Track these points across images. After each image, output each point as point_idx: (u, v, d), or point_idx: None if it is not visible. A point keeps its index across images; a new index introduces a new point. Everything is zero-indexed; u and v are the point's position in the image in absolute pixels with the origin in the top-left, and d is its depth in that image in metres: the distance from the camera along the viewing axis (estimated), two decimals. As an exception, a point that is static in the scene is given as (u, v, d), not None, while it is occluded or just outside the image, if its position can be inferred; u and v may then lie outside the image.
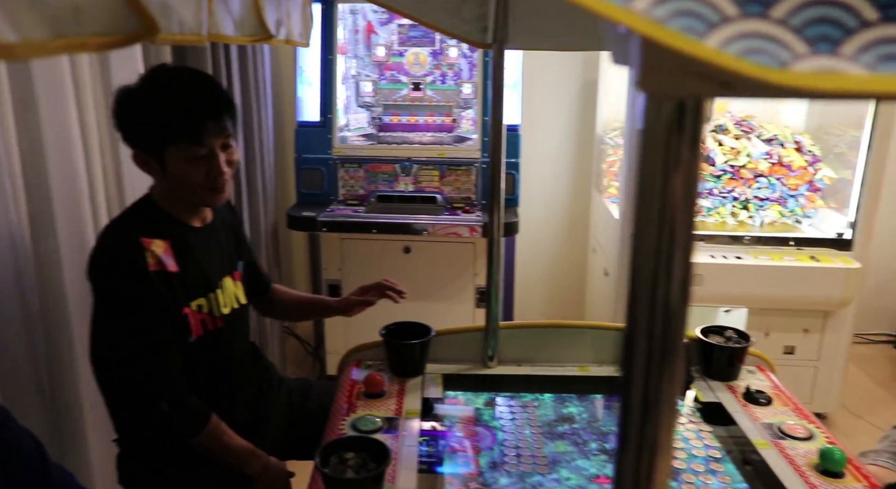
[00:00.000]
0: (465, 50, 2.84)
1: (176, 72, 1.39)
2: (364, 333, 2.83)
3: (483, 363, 1.61)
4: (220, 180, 1.33)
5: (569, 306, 3.43)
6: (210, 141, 1.29)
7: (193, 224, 1.40)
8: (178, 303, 1.32)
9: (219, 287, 1.43)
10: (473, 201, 2.69)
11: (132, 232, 1.30)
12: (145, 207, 1.37)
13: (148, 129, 1.28)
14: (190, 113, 1.27)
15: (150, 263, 1.27)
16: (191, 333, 1.35)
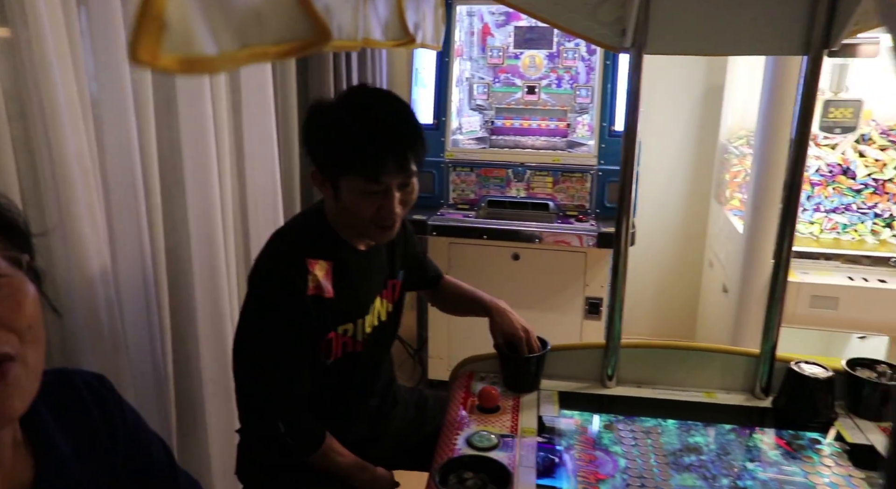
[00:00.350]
0: (582, 53, 2.76)
1: (374, 96, 1.29)
2: (467, 339, 2.83)
3: (601, 382, 1.53)
4: (388, 219, 1.27)
5: (679, 323, 3.28)
6: (387, 179, 1.22)
7: (358, 246, 1.38)
8: (325, 327, 1.32)
9: (368, 312, 1.41)
10: (587, 209, 2.60)
11: (300, 250, 1.28)
12: (316, 222, 1.35)
13: (328, 153, 1.25)
14: (371, 148, 1.20)
15: (310, 287, 1.27)
16: (330, 356, 1.35)
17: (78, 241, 1.14)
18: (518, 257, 2.64)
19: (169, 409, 1.57)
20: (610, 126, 2.54)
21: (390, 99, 1.29)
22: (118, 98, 1.28)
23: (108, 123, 1.29)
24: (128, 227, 1.34)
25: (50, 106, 1.07)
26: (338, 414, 1.42)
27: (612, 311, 1.50)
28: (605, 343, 1.51)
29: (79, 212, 1.13)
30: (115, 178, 1.31)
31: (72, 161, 1.10)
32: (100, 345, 1.22)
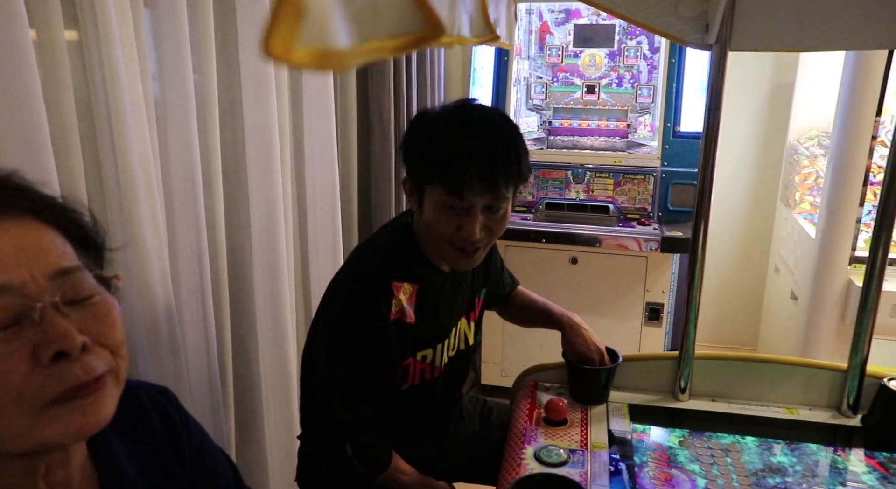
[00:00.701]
0: (644, 51, 2.68)
1: (477, 110, 1.23)
2: (521, 344, 2.78)
3: (673, 395, 1.46)
4: (467, 243, 1.19)
5: (741, 331, 3.16)
6: (471, 196, 1.14)
7: (443, 268, 1.32)
8: (404, 353, 1.28)
9: (448, 336, 1.36)
10: (649, 213, 2.52)
11: (386, 272, 1.23)
12: (403, 240, 1.29)
13: (418, 157, 1.20)
14: (459, 157, 1.13)
15: (392, 312, 1.22)
16: (406, 382, 1.31)
17: (139, 245, 1.13)
18: (576, 261, 2.57)
19: (228, 415, 1.55)
20: (674, 126, 2.45)
21: (495, 116, 1.23)
22: (182, 99, 1.27)
23: (172, 125, 1.28)
24: (188, 230, 1.32)
25: (115, 107, 1.05)
26: (407, 436, 1.39)
27: (686, 320, 1.43)
28: (678, 353, 1.44)
29: (140, 215, 1.11)
30: (176, 180, 1.30)
31: (135, 163, 1.09)
32: (158, 350, 1.20)
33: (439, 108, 1.22)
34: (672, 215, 2.48)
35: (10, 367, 0.56)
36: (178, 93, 1.27)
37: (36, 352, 0.57)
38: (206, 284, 1.42)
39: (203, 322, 1.42)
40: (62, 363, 0.58)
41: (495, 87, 2.65)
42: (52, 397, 0.58)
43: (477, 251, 1.22)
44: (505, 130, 1.19)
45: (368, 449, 1.29)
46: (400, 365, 1.28)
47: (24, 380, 0.57)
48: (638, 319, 2.59)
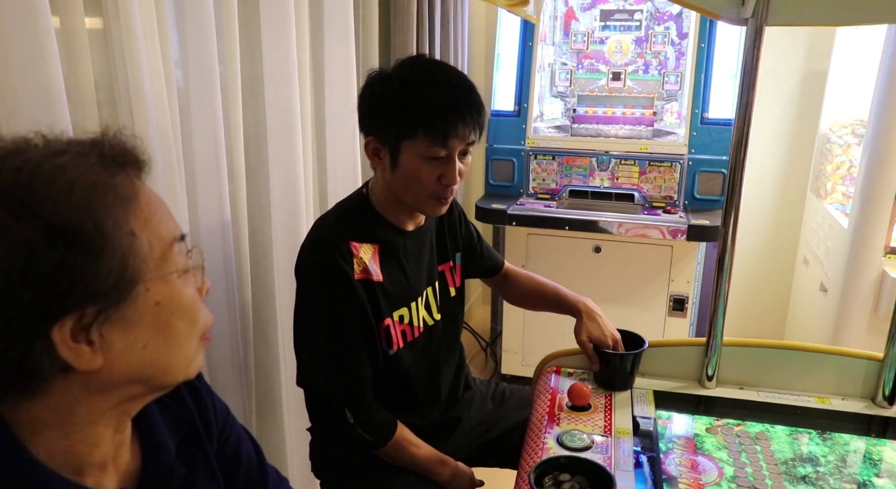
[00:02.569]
0: (672, 37, 2.62)
1: (439, 63, 1.31)
2: (542, 333, 2.74)
3: (699, 382, 1.43)
4: (447, 190, 1.23)
5: (767, 322, 3.09)
6: (453, 143, 1.18)
7: (406, 227, 1.33)
8: (379, 313, 1.27)
9: (421, 295, 1.36)
10: (675, 201, 2.47)
11: (343, 234, 1.24)
12: (359, 206, 1.31)
13: (393, 114, 1.19)
14: (443, 107, 1.16)
15: (356, 271, 1.23)
16: (392, 345, 1.30)
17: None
18: (600, 250, 2.53)
19: (250, 398, 1.55)
20: (703, 113, 2.40)
21: (452, 67, 1.29)
22: (205, 77, 1.26)
23: (195, 103, 1.27)
24: (210, 210, 1.32)
25: (136, 89, 1.04)
26: (412, 403, 1.37)
27: (714, 306, 1.39)
28: (706, 340, 1.40)
29: (157, 190, 1.10)
30: (200, 160, 1.29)
31: (153, 138, 1.08)
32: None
33: (393, 67, 1.23)
34: (699, 204, 2.44)
35: (197, 299, 0.66)
36: (202, 69, 1.26)
37: (199, 291, 0.67)
38: (230, 265, 1.42)
39: (227, 303, 1.42)
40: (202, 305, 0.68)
41: (520, 72, 2.61)
42: (206, 328, 0.68)
43: (452, 194, 1.27)
44: (468, 80, 1.23)
45: (369, 412, 1.28)
46: (380, 326, 1.27)
47: (201, 311, 0.67)
48: (662, 310, 2.54)
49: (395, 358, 1.32)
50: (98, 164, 0.61)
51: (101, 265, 0.57)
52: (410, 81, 1.19)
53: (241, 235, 1.47)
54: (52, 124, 0.89)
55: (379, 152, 1.24)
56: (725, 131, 2.36)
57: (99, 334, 0.59)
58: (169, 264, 0.63)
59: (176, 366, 0.66)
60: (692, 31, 2.48)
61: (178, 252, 0.65)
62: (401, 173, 1.22)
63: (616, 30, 2.69)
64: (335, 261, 1.21)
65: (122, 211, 0.60)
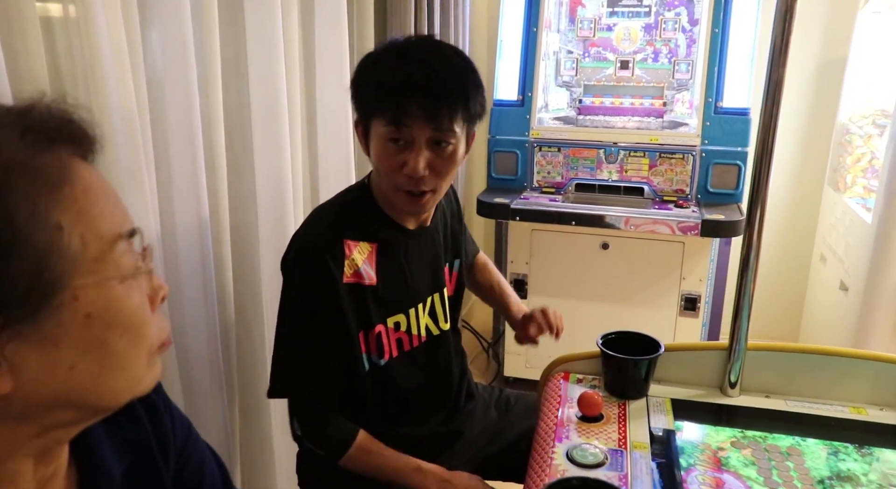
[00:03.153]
0: (683, 23, 2.50)
1: (422, 40, 1.18)
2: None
3: (721, 389, 1.31)
4: (413, 183, 1.09)
5: (781, 323, 2.97)
6: (411, 126, 1.06)
7: (407, 225, 1.21)
8: (369, 320, 1.16)
9: (422, 301, 1.24)
10: (687, 194, 2.35)
11: (338, 230, 1.13)
12: (360, 199, 1.20)
13: (359, 88, 1.12)
14: (397, 83, 1.05)
15: (346, 274, 1.12)
16: (383, 354, 1.19)
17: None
18: (607, 246, 2.41)
19: (231, 403, 1.43)
20: (716, 102, 2.28)
21: (445, 48, 1.14)
22: (178, 53, 1.14)
23: (168, 82, 1.15)
24: (184, 200, 1.19)
25: (91, 55, 0.92)
26: (402, 417, 1.26)
27: (738, 307, 1.27)
28: (728, 344, 1.29)
29: (119, 178, 0.98)
30: (173, 145, 1.17)
31: (113, 115, 0.96)
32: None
33: (385, 43, 1.13)
34: (712, 198, 2.32)
35: (145, 309, 0.55)
36: (174, 38, 1.14)
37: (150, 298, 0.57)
38: (207, 262, 1.30)
39: (204, 303, 1.30)
40: (157, 311, 0.58)
41: (523, 61, 2.49)
42: (160, 342, 0.58)
43: (425, 195, 1.12)
44: (453, 62, 1.10)
45: (323, 426, 1.16)
46: (371, 334, 1.17)
47: (150, 322, 0.56)
48: (673, 309, 2.42)
49: (386, 368, 1.20)
50: (20, 138, 0.49)
51: (8, 266, 0.46)
52: (380, 58, 1.10)
53: (223, 229, 1.35)
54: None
55: (363, 135, 1.16)
56: (740, 121, 2.24)
57: (4, 354, 0.47)
58: (108, 267, 0.52)
59: (116, 388, 0.55)
60: (705, 16, 2.35)
61: (124, 252, 0.53)
62: (372, 157, 1.13)
63: (624, 16, 2.57)
64: (323, 262, 1.10)
65: (45, 199, 0.48)
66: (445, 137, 1.08)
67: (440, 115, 1.06)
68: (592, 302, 2.48)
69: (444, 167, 1.11)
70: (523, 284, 2.54)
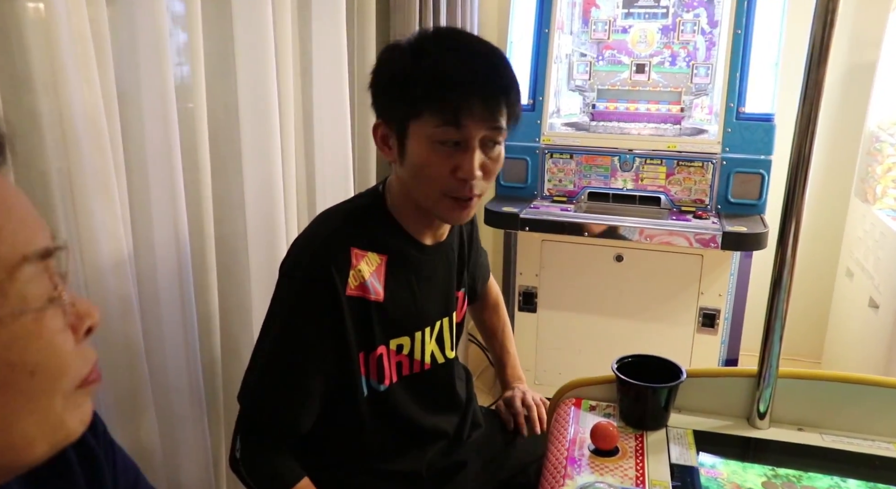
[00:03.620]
0: (703, 25, 2.38)
1: (464, 32, 1.05)
2: (558, 349, 2.51)
3: (749, 420, 1.19)
4: (465, 187, 0.98)
5: (803, 341, 2.83)
6: (469, 126, 0.94)
7: (423, 240, 1.09)
8: (371, 341, 1.04)
9: (432, 324, 1.13)
10: (706, 205, 2.23)
11: (345, 236, 1.01)
12: (372, 207, 1.07)
13: (397, 88, 0.97)
14: (455, 76, 0.93)
15: (350, 285, 0.99)
16: (384, 379, 1.07)
17: (85, 220, 0.90)
18: (621, 258, 2.29)
19: (216, 424, 1.32)
20: (738, 107, 2.16)
21: (486, 41, 1.01)
22: (151, 41, 1.03)
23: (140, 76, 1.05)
24: (161, 208, 1.09)
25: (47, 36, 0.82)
26: (398, 449, 1.14)
27: (768, 330, 1.15)
28: (758, 369, 1.17)
29: (85, 182, 0.88)
30: (148, 147, 1.07)
31: (76, 113, 0.86)
32: (109, 350, 0.97)
33: (414, 35, 1.00)
34: (733, 208, 2.19)
35: (69, 344, 0.48)
36: (149, 39, 1.04)
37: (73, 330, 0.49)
38: (185, 275, 1.19)
39: (182, 319, 1.19)
40: (84, 341, 0.50)
41: (534, 64, 2.38)
42: (82, 378, 0.49)
43: (471, 200, 1.02)
44: (500, 54, 1.00)
45: (270, 459, 1.02)
46: (372, 356, 1.04)
47: (73, 359, 0.48)
48: (690, 326, 2.30)
49: (387, 395, 1.08)
50: None
51: None
52: (423, 49, 0.96)
53: (206, 239, 1.25)
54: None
55: (387, 139, 1.01)
56: (764, 127, 2.12)
57: None
58: (9, 300, 0.44)
59: (29, 436, 0.46)
60: (726, 18, 2.24)
61: (32, 278, 0.45)
62: (409, 163, 0.99)
63: (640, 18, 2.45)
64: (326, 268, 0.97)
65: None
66: (498, 136, 0.99)
67: (499, 112, 0.97)
68: (605, 317, 2.36)
69: (493, 168, 1.02)
70: (532, 297, 2.42)
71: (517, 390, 1.38)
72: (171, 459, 1.17)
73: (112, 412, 1.02)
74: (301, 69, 1.53)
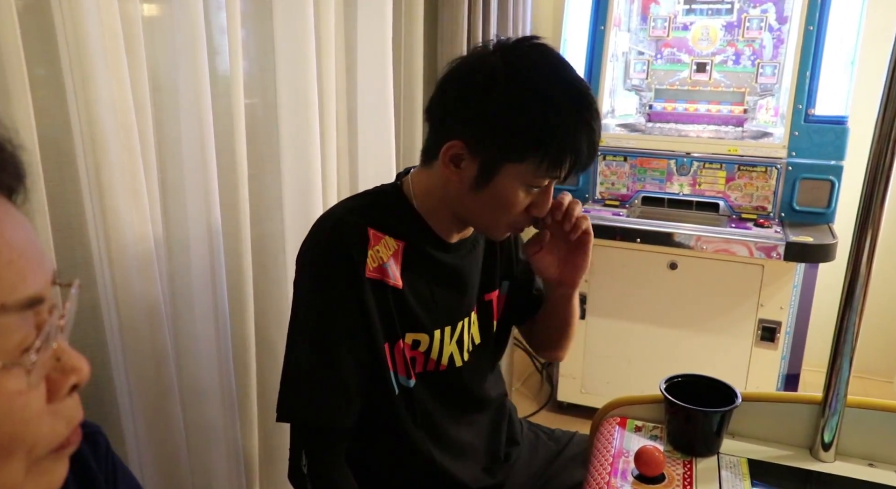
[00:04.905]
0: (771, 21, 2.25)
1: (560, 62, 0.95)
2: (607, 358, 2.42)
3: (811, 452, 1.09)
4: (530, 222, 1.01)
5: (876, 357, 2.66)
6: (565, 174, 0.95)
7: (447, 237, 1.03)
8: (393, 330, 0.98)
9: (454, 323, 1.06)
10: (769, 212, 2.10)
11: (360, 214, 0.95)
12: (388, 194, 1.02)
13: (508, 128, 0.90)
14: (581, 153, 0.92)
15: (369, 266, 0.93)
16: (410, 374, 1.01)
17: (112, 220, 0.87)
18: (676, 266, 2.19)
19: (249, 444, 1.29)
20: (807, 109, 2.03)
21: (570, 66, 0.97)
22: (189, 42, 1.00)
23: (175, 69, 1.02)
24: (194, 208, 1.06)
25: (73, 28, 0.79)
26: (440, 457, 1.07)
27: (836, 353, 1.05)
28: (823, 396, 1.07)
29: (111, 181, 0.85)
30: (184, 142, 1.04)
31: (103, 111, 0.83)
32: (137, 355, 0.94)
33: (499, 53, 0.92)
34: (798, 217, 2.07)
35: (35, 406, 0.42)
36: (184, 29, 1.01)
37: (51, 386, 0.44)
38: (219, 276, 1.17)
39: (215, 320, 1.17)
40: (66, 400, 0.45)
41: (589, 62, 2.30)
42: (58, 443, 0.45)
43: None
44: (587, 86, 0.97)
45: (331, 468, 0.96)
46: (396, 348, 0.99)
47: (41, 422, 0.43)
48: (748, 339, 2.18)
49: (415, 392, 1.03)
50: None
51: None
52: (552, 103, 0.89)
53: (239, 240, 1.22)
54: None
55: (460, 160, 0.94)
56: (835, 131, 1.99)
57: None
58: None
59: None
60: (797, 13, 2.11)
61: (6, 328, 0.40)
62: (488, 195, 0.94)
63: (703, 14, 2.34)
64: (343, 247, 0.92)
65: None
66: None
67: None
68: (657, 326, 2.26)
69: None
70: (581, 304, 2.34)
71: None
72: (199, 466, 1.15)
73: (138, 418, 1.00)
74: (346, 66, 1.50)
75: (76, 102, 0.84)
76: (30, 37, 0.81)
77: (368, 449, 1.05)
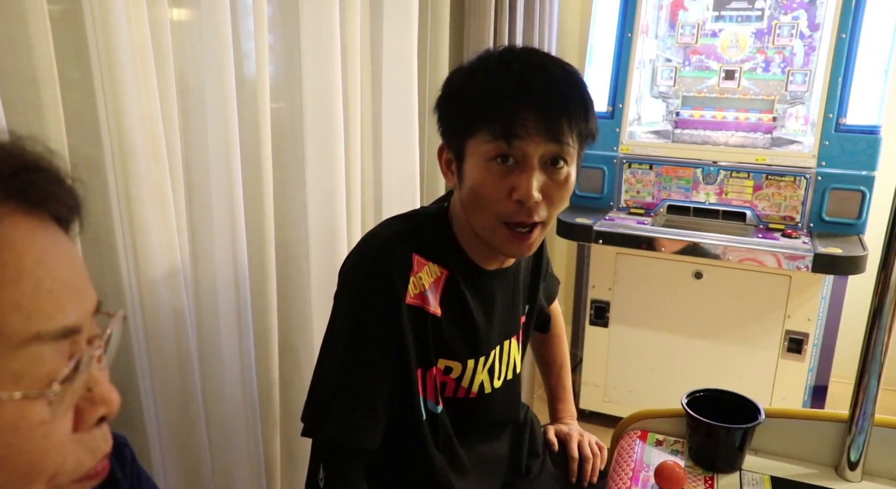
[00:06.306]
0: (802, 28, 2.22)
1: (529, 49, 0.96)
2: (631, 366, 2.40)
3: (836, 470, 1.08)
4: (523, 212, 0.89)
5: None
6: (525, 140, 0.86)
7: (485, 265, 1.02)
8: (428, 357, 0.97)
9: (487, 354, 1.05)
10: (797, 223, 2.07)
11: (407, 240, 0.95)
12: (437, 218, 1.01)
13: (452, 103, 0.93)
14: (506, 88, 0.87)
15: (410, 293, 0.92)
16: (439, 401, 1.01)
17: (139, 229, 0.89)
18: (701, 276, 2.16)
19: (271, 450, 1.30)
20: (839, 118, 2.00)
21: (550, 55, 0.93)
22: (215, 51, 1.02)
23: (202, 78, 1.03)
24: (219, 214, 1.08)
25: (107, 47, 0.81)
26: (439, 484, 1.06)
27: (863, 370, 1.04)
28: (850, 414, 1.05)
29: (140, 191, 0.87)
30: (210, 151, 1.06)
31: (132, 124, 0.85)
32: (162, 360, 0.96)
33: (479, 53, 0.95)
34: (827, 227, 2.03)
35: (57, 436, 0.42)
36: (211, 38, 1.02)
37: (78, 415, 0.44)
38: (242, 283, 1.18)
39: (238, 328, 1.18)
40: (94, 430, 0.45)
41: (615, 68, 2.28)
42: (83, 473, 0.44)
43: (534, 230, 0.92)
44: (570, 70, 0.91)
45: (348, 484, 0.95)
46: (428, 374, 0.98)
47: (64, 451, 0.43)
48: (774, 350, 2.14)
49: (442, 418, 1.02)
50: None
51: None
52: (481, 66, 0.91)
53: (264, 245, 1.23)
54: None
55: (451, 164, 0.95)
56: (867, 140, 1.95)
57: None
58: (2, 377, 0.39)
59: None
60: (830, 20, 2.07)
61: (36, 358, 0.40)
62: (466, 186, 0.92)
63: (732, 21, 2.31)
64: (386, 272, 0.91)
65: None
66: (563, 153, 0.89)
67: (559, 127, 0.87)
68: (681, 335, 2.24)
69: (558, 194, 0.91)
70: (604, 312, 2.32)
71: (573, 430, 1.29)
72: (222, 471, 1.16)
73: (162, 425, 1.01)
74: (371, 72, 1.51)
75: (105, 111, 0.86)
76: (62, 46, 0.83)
77: (385, 466, 1.05)
